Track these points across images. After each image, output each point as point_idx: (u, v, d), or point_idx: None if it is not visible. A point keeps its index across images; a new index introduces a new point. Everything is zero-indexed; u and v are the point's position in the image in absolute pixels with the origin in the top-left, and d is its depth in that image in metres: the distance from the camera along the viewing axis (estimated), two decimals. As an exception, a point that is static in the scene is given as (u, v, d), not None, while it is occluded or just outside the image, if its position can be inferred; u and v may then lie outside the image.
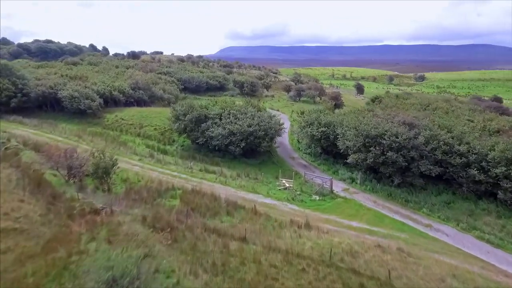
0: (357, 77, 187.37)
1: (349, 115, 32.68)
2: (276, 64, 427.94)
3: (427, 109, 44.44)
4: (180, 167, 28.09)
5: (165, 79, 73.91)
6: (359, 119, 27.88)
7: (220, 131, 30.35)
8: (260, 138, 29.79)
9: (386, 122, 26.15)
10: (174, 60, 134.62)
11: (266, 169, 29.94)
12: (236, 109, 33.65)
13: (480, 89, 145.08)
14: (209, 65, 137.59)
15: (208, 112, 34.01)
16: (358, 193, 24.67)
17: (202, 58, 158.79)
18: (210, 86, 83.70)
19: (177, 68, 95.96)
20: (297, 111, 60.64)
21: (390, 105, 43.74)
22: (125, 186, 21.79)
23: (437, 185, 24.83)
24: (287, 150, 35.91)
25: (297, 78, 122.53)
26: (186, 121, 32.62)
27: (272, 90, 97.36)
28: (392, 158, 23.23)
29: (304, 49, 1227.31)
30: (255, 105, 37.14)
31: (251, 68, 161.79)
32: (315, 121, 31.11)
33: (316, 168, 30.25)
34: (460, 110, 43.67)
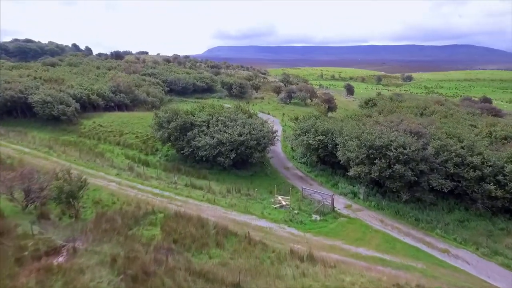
0: (345, 78, 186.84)
1: (348, 121, 30.29)
2: (263, 64, 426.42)
3: (424, 113, 42.66)
4: (163, 182, 25.06)
5: (150, 81, 70.30)
6: (360, 127, 25.47)
7: (207, 141, 27.45)
8: (252, 148, 27.05)
9: (390, 131, 23.81)
10: (160, 60, 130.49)
11: (259, 182, 27.22)
12: (225, 115, 30.81)
13: (467, 89, 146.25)
14: (196, 66, 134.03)
15: (194, 119, 31.05)
16: (362, 210, 22.22)
17: (189, 58, 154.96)
18: (197, 87, 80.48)
19: (163, 69, 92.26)
20: (289, 114, 58.23)
21: (387, 109, 41.68)
22: (96, 210, 18.67)
23: (448, 200, 22.66)
24: (281, 159, 33.28)
25: (286, 79, 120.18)
26: (170, 129, 29.57)
27: (262, 92, 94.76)
28: (399, 172, 20.88)
29: (291, 49, 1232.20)
30: (246, 111, 34.37)
31: (240, 69, 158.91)
32: (312, 129, 28.57)
33: (313, 180, 27.70)
34: (458, 113, 42.02)
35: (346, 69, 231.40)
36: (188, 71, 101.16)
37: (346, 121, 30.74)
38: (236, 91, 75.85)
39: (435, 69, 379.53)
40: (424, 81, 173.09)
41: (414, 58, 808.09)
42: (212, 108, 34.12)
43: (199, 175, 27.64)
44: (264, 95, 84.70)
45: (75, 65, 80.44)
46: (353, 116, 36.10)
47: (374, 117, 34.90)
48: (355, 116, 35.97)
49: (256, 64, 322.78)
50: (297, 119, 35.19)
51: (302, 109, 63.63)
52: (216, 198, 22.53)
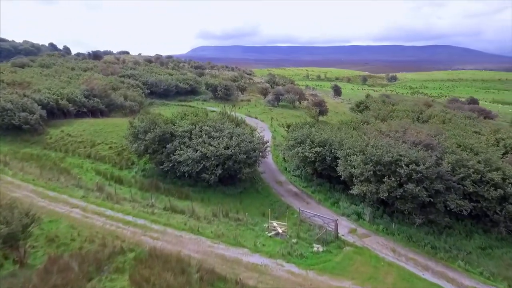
0: (331, 78, 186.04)
1: (347, 130, 27.41)
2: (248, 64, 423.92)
3: (420, 117, 40.50)
4: (138, 206, 21.43)
5: (129, 83, 65.92)
6: (364, 139, 22.62)
7: (189, 155, 23.99)
8: (240, 162, 23.79)
9: (399, 143, 21.08)
10: (141, 61, 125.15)
11: (249, 201, 24.00)
12: (209, 124, 27.37)
13: (450, 89, 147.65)
14: (179, 66, 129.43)
15: (175, 128, 27.49)
16: (370, 235, 19.35)
17: (171, 59, 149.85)
18: (180, 89, 76.50)
19: (143, 70, 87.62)
20: (278, 118, 55.25)
21: (383, 113, 39.24)
22: (49, 252, 14.97)
23: (464, 221, 20.12)
24: (272, 171, 30.15)
25: (273, 80, 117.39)
26: (147, 140, 25.92)
27: (248, 93, 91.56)
28: (412, 192, 18.12)
29: (276, 49, 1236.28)
30: (233, 118, 31.03)
31: (224, 69, 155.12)
32: (307, 139, 25.55)
33: (310, 197, 24.69)
34: (456, 117, 40.05)
35: (331, 69, 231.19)
36: (171, 72, 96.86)
37: (344, 129, 27.90)
38: (222, 93, 72.41)
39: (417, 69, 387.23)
40: (408, 81, 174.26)
41: (396, 58, 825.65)
42: (195, 115, 30.59)
43: (181, 193, 24.14)
44: (250, 97, 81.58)
45: (47, 66, 74.84)
46: (350, 122, 33.34)
47: (371, 123, 32.29)
48: (352, 122, 33.22)
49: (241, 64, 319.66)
50: (289, 127, 32.09)
51: (291, 112, 60.85)
52: (201, 226, 19.12)
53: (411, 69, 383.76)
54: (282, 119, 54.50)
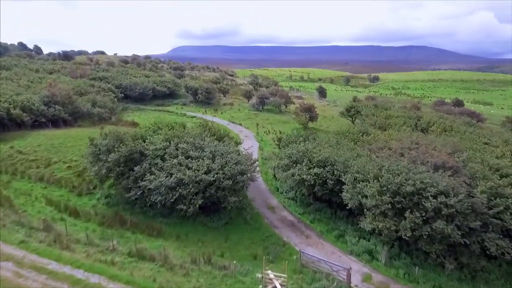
0: (314, 79, 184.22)
1: (349, 145, 23.62)
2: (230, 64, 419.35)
3: (419, 124, 37.51)
4: (95, 251, 16.72)
5: (99, 87, 60.06)
6: (375, 160, 18.78)
7: (162, 180, 19.45)
8: (225, 189, 19.49)
9: (418, 165, 17.44)
10: (116, 61, 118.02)
11: (237, 237, 19.73)
12: (187, 139, 22.84)
13: (432, 90, 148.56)
14: (158, 67, 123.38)
15: (145, 146, 22.81)
16: (388, 284, 15.54)
17: (149, 59, 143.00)
18: (157, 93, 71.21)
19: (117, 72, 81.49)
20: (264, 124, 51.17)
21: (380, 121, 35.90)
22: None
23: (496, 259, 16.70)
24: (261, 192, 26.00)
25: (256, 81, 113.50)
26: (111, 162, 21.16)
27: (230, 96, 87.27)
28: (443, 232, 14.46)
29: (257, 49, 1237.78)
30: (215, 131, 26.62)
31: (205, 70, 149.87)
32: (304, 157, 21.57)
33: (309, 228, 20.71)
34: (455, 124, 37.29)
35: (314, 69, 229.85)
36: (148, 73, 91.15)
37: (345, 144, 24.11)
38: (202, 97, 67.73)
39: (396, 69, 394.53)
40: (390, 81, 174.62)
41: (375, 58, 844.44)
42: (170, 129, 25.95)
43: (152, 229, 19.55)
44: (233, 100, 77.22)
45: (7, 68, 67.50)
46: (347, 133, 29.66)
47: (371, 133, 28.75)
48: (349, 133, 29.55)
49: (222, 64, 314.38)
50: (280, 141, 27.96)
51: (277, 118, 56.95)
52: (175, 281, 14.69)
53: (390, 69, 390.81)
54: (268, 126, 50.52)
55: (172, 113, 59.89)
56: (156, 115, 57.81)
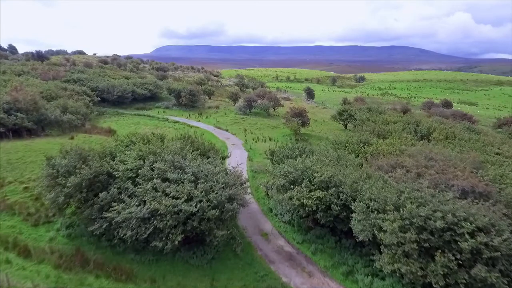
0: (300, 79, 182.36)
1: (351, 160, 20.52)
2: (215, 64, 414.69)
3: (418, 130, 35.07)
4: (43, 309, 13.04)
5: (73, 90, 55.33)
6: (388, 182, 15.73)
7: (133, 212, 15.85)
8: (210, 221, 16.07)
9: (443, 189, 14.54)
10: (95, 62, 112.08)
11: (225, 277, 16.32)
12: (165, 157, 19.23)
13: (418, 90, 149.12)
14: (139, 68, 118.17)
15: (114, 166, 19.07)
16: None
17: (131, 59, 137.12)
18: (137, 96, 66.98)
19: (94, 73, 76.46)
20: (252, 130, 47.91)
21: (378, 128, 33.17)
22: None
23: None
24: (252, 214, 22.66)
25: (242, 82, 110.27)
26: (70, 187, 17.36)
27: (216, 97, 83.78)
28: (485, 280, 11.57)
29: (242, 49, 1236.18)
30: (199, 145, 23.05)
31: (190, 70, 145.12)
32: (303, 177, 18.39)
33: (310, 262, 17.51)
34: (455, 129, 35.02)
35: (300, 70, 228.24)
36: (128, 75, 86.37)
37: (347, 159, 21.03)
38: (186, 100, 63.84)
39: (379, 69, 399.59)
40: (376, 82, 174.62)
41: (358, 58, 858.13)
42: (145, 142, 22.26)
43: (120, 271, 15.91)
44: (219, 102, 73.69)
45: (-31, 70, 61.58)
46: (347, 143, 26.67)
47: (375, 144, 25.88)
48: (349, 144, 26.55)
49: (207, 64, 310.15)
50: (273, 154, 24.61)
51: (266, 122, 53.79)
52: None
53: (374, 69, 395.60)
54: (257, 131, 47.29)
55: (153, 118, 55.89)
56: (136, 120, 53.71)
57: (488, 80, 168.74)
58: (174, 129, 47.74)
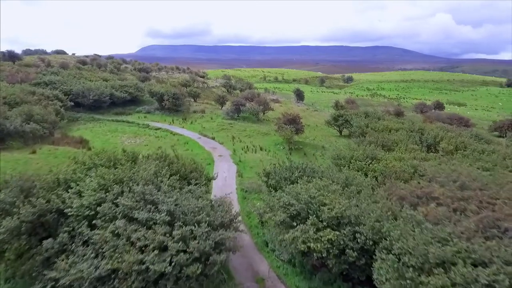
0: (288, 80, 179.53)
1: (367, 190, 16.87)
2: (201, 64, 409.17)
3: (424, 140, 31.97)
4: None
5: (42, 94, 50.09)
6: (423, 223, 12.06)
7: (85, 271, 11.74)
8: (191, 279, 12.12)
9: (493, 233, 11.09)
10: (73, 62, 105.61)
11: None
12: (135, 187, 15.11)
13: (406, 90, 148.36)
14: (120, 68, 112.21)
15: (67, 199, 14.82)
16: None
17: (111, 60, 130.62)
18: (116, 99, 61.95)
19: (69, 75, 70.89)
20: (241, 137, 43.97)
21: (382, 139, 29.83)
22: None
23: None
24: (244, 246, 18.78)
25: (229, 84, 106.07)
26: (5, 233, 13.08)
27: (202, 100, 79.38)
28: None
29: (228, 48, 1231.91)
30: (179, 168, 18.92)
31: (175, 71, 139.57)
32: (308, 211, 14.68)
33: (320, 320, 13.87)
34: (462, 138, 32.07)
35: (288, 70, 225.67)
36: (107, 76, 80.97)
37: (361, 184, 17.43)
38: (169, 103, 59.27)
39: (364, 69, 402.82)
40: (364, 82, 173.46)
41: (344, 58, 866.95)
42: (110, 164, 18.02)
43: None
44: (205, 106, 69.31)
45: None
46: (352, 160, 23.10)
47: (384, 160, 22.44)
48: (355, 160, 22.98)
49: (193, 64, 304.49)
50: (269, 175, 20.65)
51: (255, 128, 49.98)
52: None
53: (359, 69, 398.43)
54: (246, 139, 43.41)
55: (132, 124, 51.20)
56: (113, 127, 48.96)
57: (473, 80, 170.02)
58: (155, 137, 43.41)
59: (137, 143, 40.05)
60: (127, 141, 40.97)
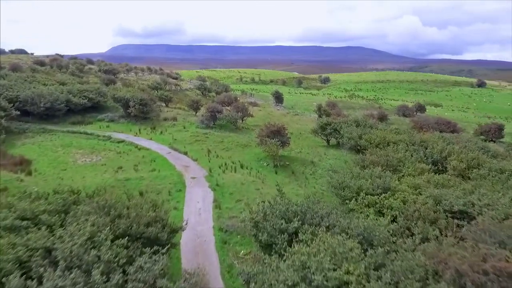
0: (265, 80, 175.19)
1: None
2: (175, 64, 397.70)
3: (430, 155, 27.96)
4: None
5: (-22, 102, 42.03)
6: None
7: None
8: None
9: None
10: (28, 63, 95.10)
11: None
12: (49, 273, 9.37)
13: (383, 91, 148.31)
14: (83, 70, 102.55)
15: None
16: None
17: (74, 60, 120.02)
18: (74, 106, 54.39)
19: (18, 78, 61.98)
20: (217, 151, 38.36)
21: (381, 158, 25.37)
22: None
23: None
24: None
25: (204, 86, 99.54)
26: None
27: (174, 104, 72.86)
28: None
29: (202, 48, 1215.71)
30: (131, 221, 13.17)
31: (146, 72, 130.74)
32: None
33: None
34: (472, 153, 28.34)
35: (265, 71, 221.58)
36: (66, 79, 72.41)
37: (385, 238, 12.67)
38: (136, 110, 52.54)
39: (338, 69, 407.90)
40: (341, 83, 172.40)
41: (317, 58, 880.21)
42: (25, 228, 12.02)
43: None
44: (177, 112, 62.87)
45: None
46: (359, 190, 18.33)
47: (400, 190, 17.85)
48: (365, 194, 18.21)
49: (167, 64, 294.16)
50: (258, 225, 15.04)
51: (234, 138, 44.46)
52: None
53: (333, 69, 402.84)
54: (224, 153, 37.93)
55: (91, 136, 44.21)
56: (68, 140, 41.80)
57: (446, 81, 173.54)
58: (117, 153, 36.93)
59: (93, 162, 33.49)
60: (80, 159, 34.26)
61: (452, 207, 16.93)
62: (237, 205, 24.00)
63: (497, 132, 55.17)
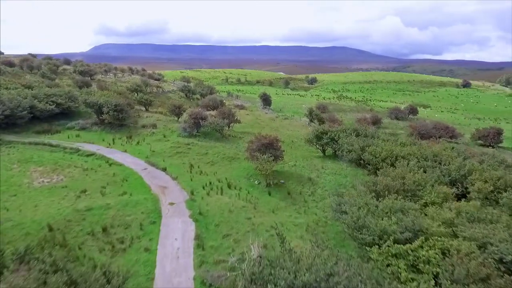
0: (252, 81, 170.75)
1: None
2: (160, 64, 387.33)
3: (444, 172, 24.25)
4: None
5: None
6: None
7: None
8: None
9: None
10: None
11: None
12: None
13: (371, 92, 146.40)
14: (57, 71, 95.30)
15: None
16: None
17: (47, 60, 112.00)
18: (40, 113, 48.32)
19: (-24, 81, 55.33)
20: (201, 166, 33.64)
21: (397, 181, 21.41)
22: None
23: None
24: None
25: (187, 88, 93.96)
26: None
27: (155, 108, 67.29)
28: None
29: (187, 48, 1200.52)
30: None
31: (126, 73, 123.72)
32: None
33: None
34: (489, 167, 24.85)
35: (251, 71, 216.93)
36: (34, 82, 65.85)
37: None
38: (110, 117, 46.97)
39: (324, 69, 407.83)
40: (329, 84, 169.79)
41: (303, 58, 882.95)
42: None
43: None
44: (157, 117, 57.42)
45: None
46: (385, 236, 14.24)
47: (435, 234, 13.83)
48: (391, 241, 14.09)
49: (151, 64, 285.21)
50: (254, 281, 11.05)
51: (220, 149, 39.73)
52: None
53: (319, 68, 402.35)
54: (208, 168, 33.25)
55: (56, 149, 38.41)
56: (28, 154, 36.06)
57: (432, 81, 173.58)
58: (83, 170, 31.62)
59: (52, 183, 28.15)
60: (38, 179, 28.85)
61: (503, 256, 13.02)
62: (224, 242, 19.50)
63: (496, 137, 52.60)
